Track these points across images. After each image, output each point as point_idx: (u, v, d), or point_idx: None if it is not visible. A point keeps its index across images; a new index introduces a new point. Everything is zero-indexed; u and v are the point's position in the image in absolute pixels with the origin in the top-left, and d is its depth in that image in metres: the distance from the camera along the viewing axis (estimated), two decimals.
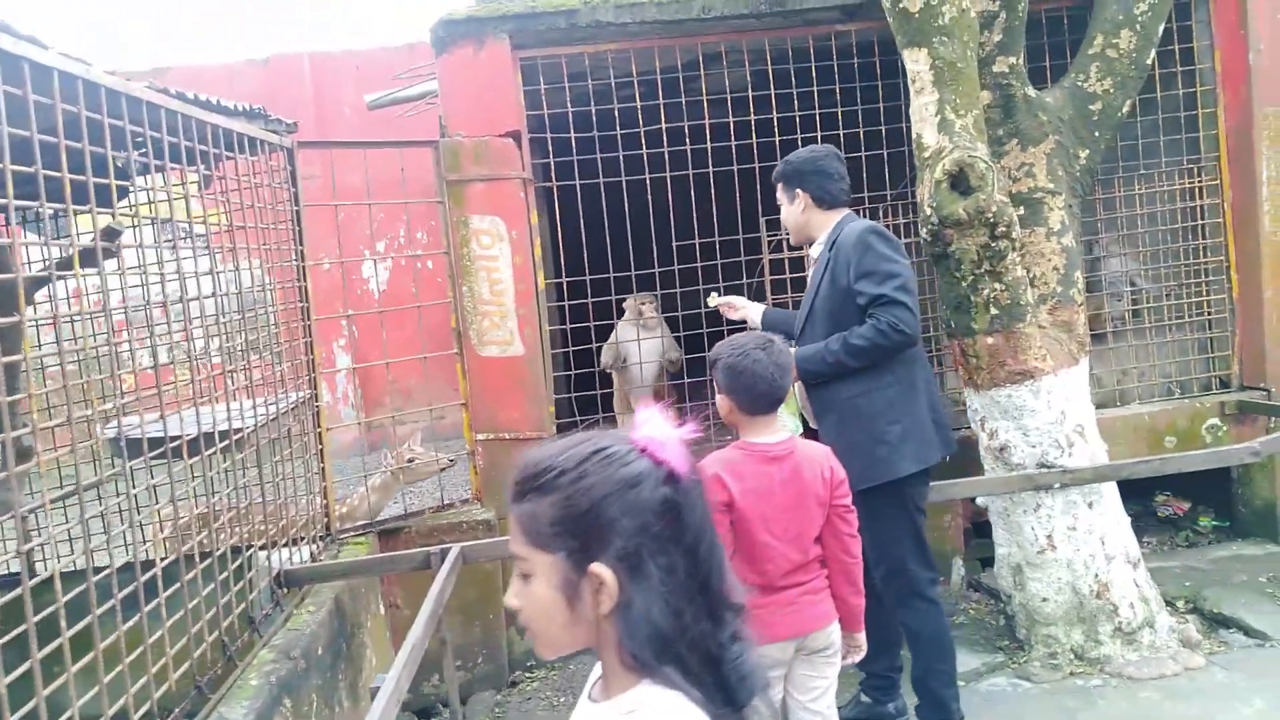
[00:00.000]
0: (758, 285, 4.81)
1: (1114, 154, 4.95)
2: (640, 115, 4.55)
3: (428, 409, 4.47)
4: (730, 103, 4.67)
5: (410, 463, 4.10)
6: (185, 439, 2.64)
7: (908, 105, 3.93)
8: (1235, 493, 5.09)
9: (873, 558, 3.14)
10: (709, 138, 4.60)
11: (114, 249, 2.42)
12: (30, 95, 2.04)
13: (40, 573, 2.13)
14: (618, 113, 4.57)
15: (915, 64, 3.79)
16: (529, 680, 4.37)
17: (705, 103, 4.62)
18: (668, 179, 4.55)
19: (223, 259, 3.21)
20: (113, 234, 2.42)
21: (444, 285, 4.47)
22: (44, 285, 2.62)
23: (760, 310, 3.68)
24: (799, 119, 4.62)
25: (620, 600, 1.03)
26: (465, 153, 4.33)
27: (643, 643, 1.02)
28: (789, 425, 2.84)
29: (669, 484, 1.06)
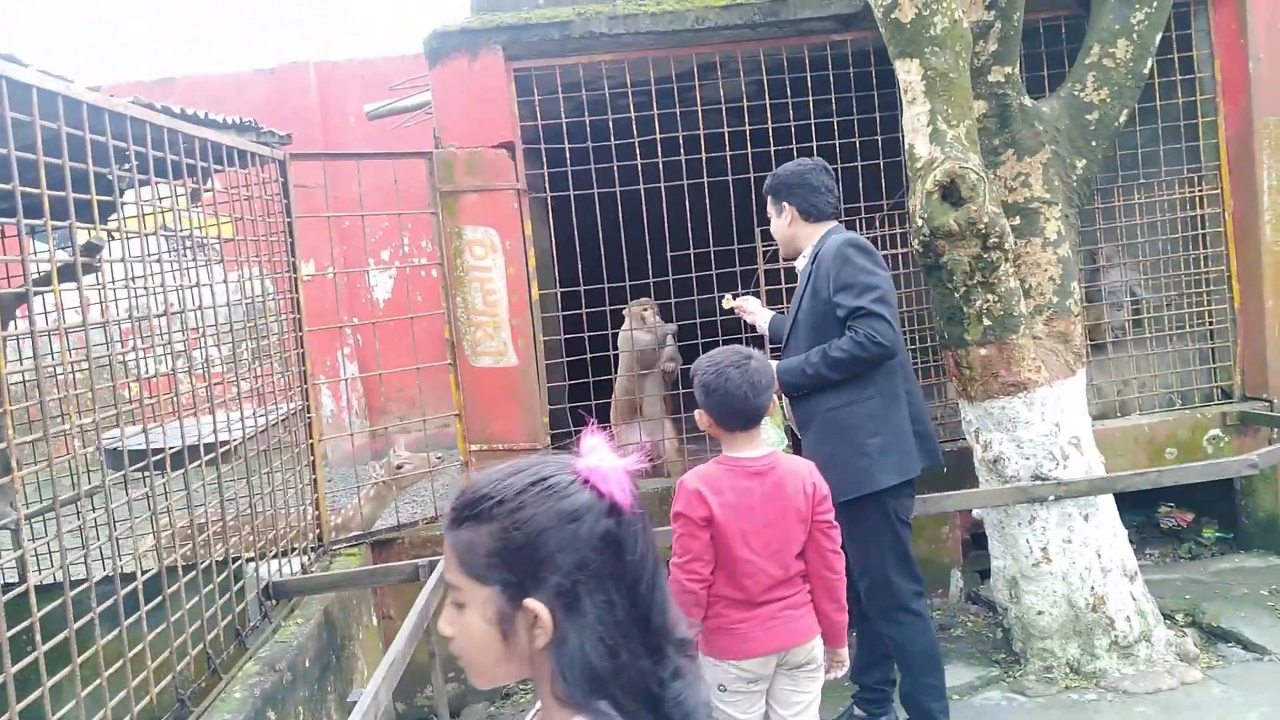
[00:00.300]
0: (753, 295, 4.78)
1: (1114, 163, 4.92)
2: (635, 126, 4.55)
3: (422, 419, 4.45)
4: (725, 113, 4.67)
5: (399, 469, 4.11)
6: (168, 452, 2.64)
7: (902, 115, 3.92)
8: (1239, 504, 5.04)
9: (856, 571, 3.13)
10: (704, 148, 4.59)
11: (95, 264, 2.43)
12: (7, 113, 2.06)
13: (33, 584, 2.15)
14: (613, 123, 4.57)
15: (907, 74, 3.78)
16: (523, 691, 4.36)
17: (700, 113, 4.61)
18: (662, 189, 4.55)
19: (212, 271, 3.23)
20: (93, 249, 2.43)
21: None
22: (23, 301, 2.64)
23: (768, 316, 3.70)
24: (794, 129, 4.61)
25: (555, 636, 1.00)
26: (458, 164, 4.34)
27: (577, 679, 0.99)
28: (772, 439, 2.83)
29: (611, 518, 1.03)
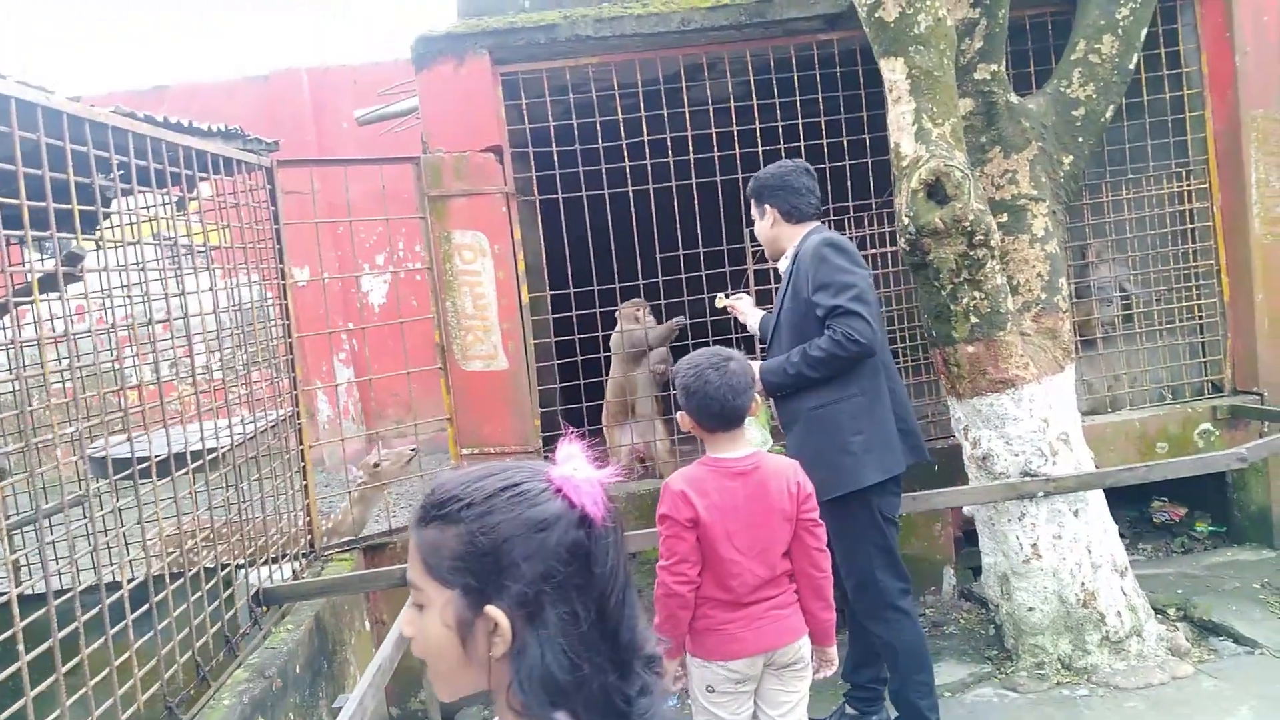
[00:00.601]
0: (745, 294, 4.79)
1: (1102, 159, 4.93)
2: (623, 128, 4.56)
3: (414, 424, 4.45)
4: (713, 114, 4.67)
5: (376, 467, 4.12)
6: (153, 460, 2.65)
7: (889, 114, 3.92)
8: (1231, 498, 5.04)
9: (843, 569, 3.13)
10: (692, 149, 4.60)
11: (77, 274, 2.44)
12: None
13: (14, 594, 2.15)
14: (600, 126, 4.58)
15: (892, 73, 3.79)
16: None
17: (688, 115, 4.62)
18: (650, 191, 4.56)
19: (199, 279, 3.23)
20: (74, 259, 2.44)
21: None
22: (4, 312, 2.65)
23: (759, 315, 3.71)
24: (782, 129, 4.62)
25: (514, 645, 0.98)
26: (446, 168, 4.35)
27: (534, 692, 0.97)
28: (757, 439, 2.84)
29: (581, 529, 1.01)
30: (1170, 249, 5.05)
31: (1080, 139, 4.20)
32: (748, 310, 3.78)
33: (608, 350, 4.95)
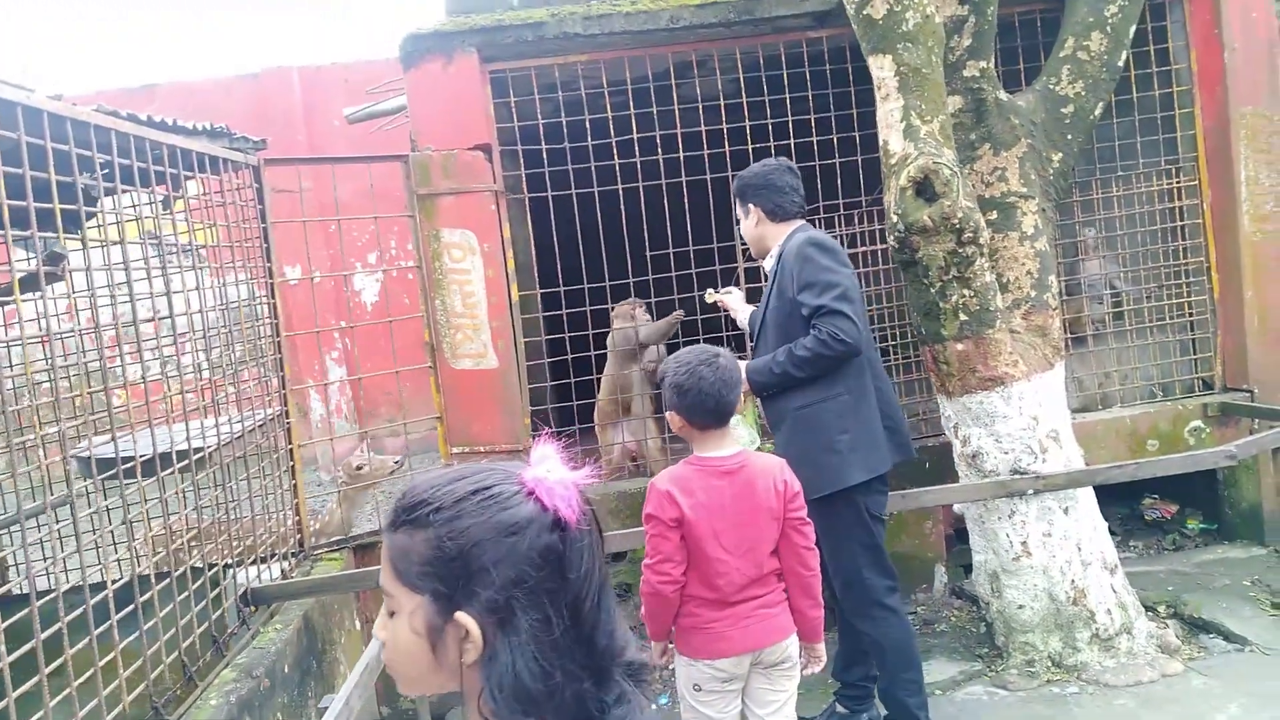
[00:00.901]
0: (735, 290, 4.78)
1: (1091, 156, 4.93)
2: (613, 126, 4.55)
3: (403, 423, 4.44)
4: (702, 111, 4.67)
5: (359, 470, 4.11)
6: (138, 459, 2.64)
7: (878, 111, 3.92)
8: (1222, 495, 5.05)
9: (830, 568, 3.13)
10: (681, 147, 4.59)
11: (59, 273, 2.43)
12: None
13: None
14: (590, 124, 4.57)
15: (880, 70, 3.78)
16: None
17: (678, 112, 4.61)
18: (640, 189, 4.55)
19: (184, 278, 3.22)
20: (56, 258, 2.43)
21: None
22: None
23: (748, 311, 3.71)
24: (772, 127, 4.61)
25: (485, 652, 0.96)
26: (434, 166, 4.34)
27: (506, 699, 0.95)
28: (744, 438, 2.84)
29: (554, 532, 0.99)
30: (1160, 246, 5.05)
31: (1069, 136, 4.19)
32: (737, 305, 3.79)
33: (598, 349, 4.94)
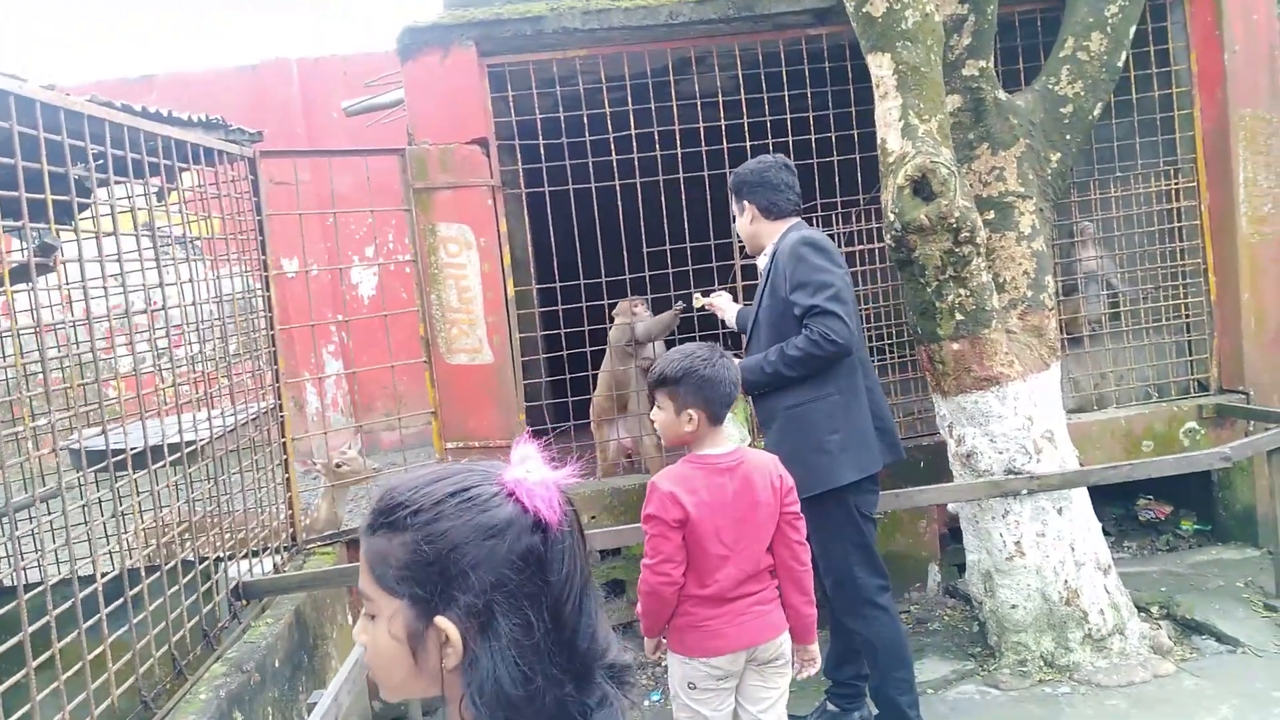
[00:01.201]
0: (724, 291, 4.77)
1: (1090, 157, 4.92)
2: (611, 121, 4.54)
3: (398, 417, 4.43)
4: (702, 108, 4.65)
5: (339, 467, 4.10)
6: (129, 452, 2.63)
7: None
8: (1216, 496, 5.05)
9: (821, 567, 3.13)
10: (679, 143, 4.58)
11: (50, 264, 2.42)
12: None
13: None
14: (588, 119, 4.55)
15: (879, 69, 3.77)
16: None
17: (676, 108, 4.60)
18: (638, 185, 4.53)
19: (178, 270, 3.21)
20: (48, 249, 2.42)
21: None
22: None
23: (735, 310, 3.72)
24: (770, 124, 4.60)
25: (466, 658, 0.95)
26: (431, 160, 4.33)
27: (487, 704, 0.94)
28: (734, 436, 2.83)
29: (535, 534, 0.97)
30: (1158, 247, 5.05)
31: (1068, 136, 4.18)
32: (725, 307, 3.79)
33: (594, 345, 4.93)
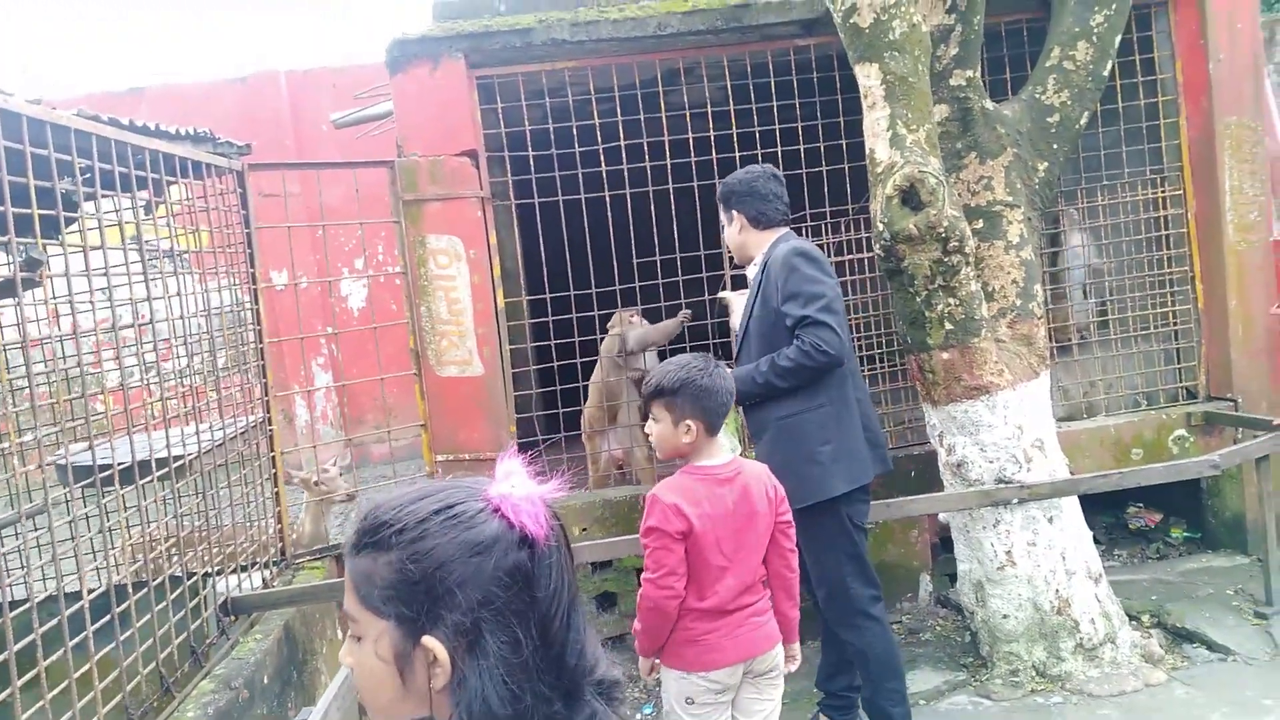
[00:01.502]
0: (720, 302, 4.77)
1: (1078, 165, 4.94)
2: (600, 132, 4.54)
3: (387, 430, 4.42)
4: (691, 118, 4.66)
5: (316, 485, 4.08)
6: (117, 467, 2.61)
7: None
8: (1206, 504, 5.06)
9: (814, 577, 3.12)
10: (668, 154, 4.58)
11: (36, 279, 2.40)
12: None
13: None
14: (577, 130, 4.56)
15: (867, 79, 3.78)
16: None
17: (666, 119, 4.60)
18: (628, 196, 4.54)
19: (166, 283, 3.19)
20: (34, 264, 2.40)
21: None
22: None
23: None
24: (759, 134, 4.61)
25: (454, 677, 0.94)
26: (421, 172, 4.32)
27: None
28: (725, 446, 2.82)
29: (522, 550, 0.96)
30: (1145, 255, 5.07)
31: (1055, 145, 4.20)
32: (736, 310, 3.76)
33: (584, 356, 4.92)
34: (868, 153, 3.83)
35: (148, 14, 23.05)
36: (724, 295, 3.86)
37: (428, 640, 0.94)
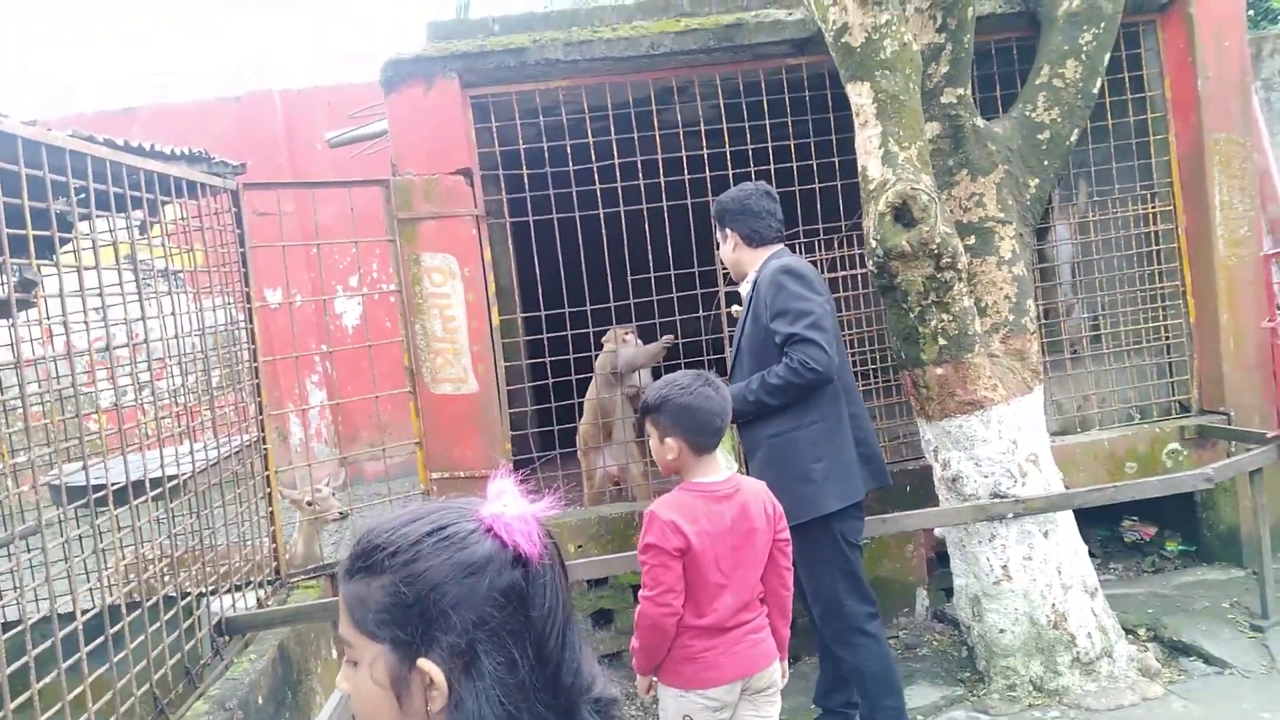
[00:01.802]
0: (714, 319, 4.80)
1: (1068, 182, 4.97)
2: (594, 151, 4.56)
3: (382, 448, 4.41)
4: (683, 137, 4.69)
5: (309, 505, 4.08)
6: (111, 487, 2.61)
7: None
8: (1200, 517, 5.07)
9: (809, 594, 3.12)
10: (662, 172, 4.61)
11: (31, 299, 2.41)
12: None
13: None
14: (571, 149, 4.58)
15: (859, 97, 3.81)
16: None
17: (658, 137, 4.63)
18: (622, 214, 4.56)
19: (161, 303, 3.19)
20: (28, 284, 2.41)
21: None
22: None
23: None
24: (752, 152, 4.63)
25: (451, 700, 0.93)
26: (416, 191, 4.34)
27: None
28: (721, 464, 2.82)
29: (516, 569, 0.96)
30: (1137, 270, 5.10)
31: (1045, 162, 4.24)
32: None
33: (579, 373, 4.93)
34: (860, 170, 3.85)
35: (148, 14, 23.14)
36: (737, 309, 3.87)
37: (423, 663, 0.94)
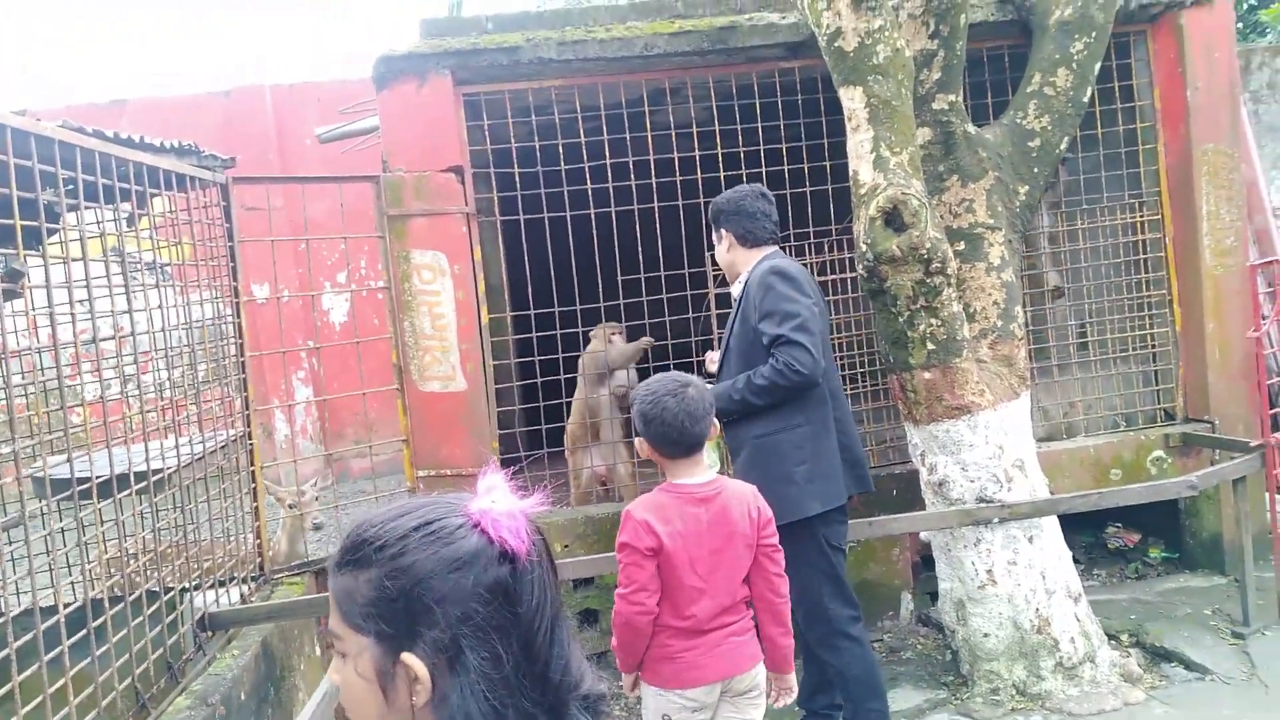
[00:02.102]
0: (704, 320, 4.80)
1: (1058, 189, 4.99)
2: (586, 150, 4.56)
3: (369, 445, 4.39)
4: (676, 138, 4.69)
5: (291, 507, 4.06)
6: (95, 481, 2.59)
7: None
8: (1184, 524, 5.10)
9: (793, 598, 3.12)
10: (654, 173, 4.61)
11: (17, 290, 2.39)
12: None
13: None
14: (563, 148, 4.58)
15: (851, 102, 3.82)
16: None
17: (650, 138, 4.63)
18: (613, 214, 4.56)
19: (147, 296, 3.17)
20: (15, 275, 2.39)
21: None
22: None
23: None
24: (744, 154, 4.64)
25: (435, 695, 0.94)
26: (406, 188, 4.33)
27: None
28: (706, 465, 2.83)
29: (503, 565, 0.96)
30: (1124, 279, 5.13)
31: (1036, 169, 4.25)
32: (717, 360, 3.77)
33: (568, 372, 4.93)
34: (851, 174, 3.86)
35: (148, 14, 23.05)
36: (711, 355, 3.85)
37: (406, 657, 0.94)
